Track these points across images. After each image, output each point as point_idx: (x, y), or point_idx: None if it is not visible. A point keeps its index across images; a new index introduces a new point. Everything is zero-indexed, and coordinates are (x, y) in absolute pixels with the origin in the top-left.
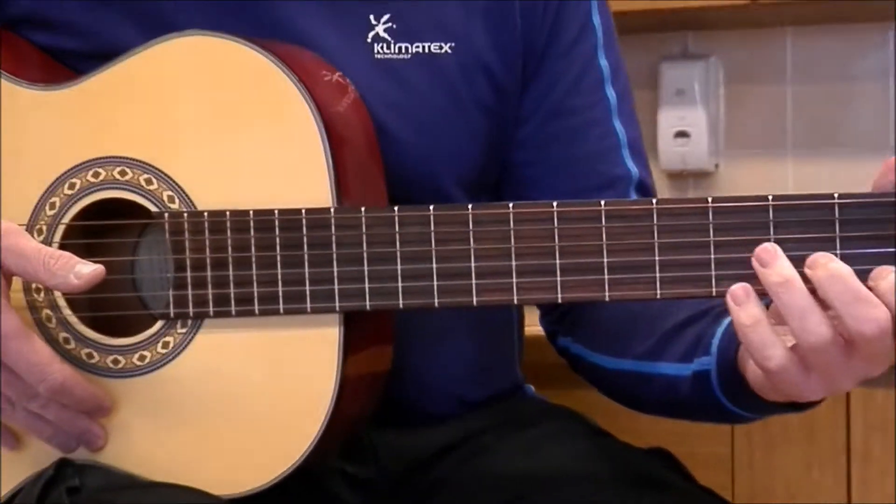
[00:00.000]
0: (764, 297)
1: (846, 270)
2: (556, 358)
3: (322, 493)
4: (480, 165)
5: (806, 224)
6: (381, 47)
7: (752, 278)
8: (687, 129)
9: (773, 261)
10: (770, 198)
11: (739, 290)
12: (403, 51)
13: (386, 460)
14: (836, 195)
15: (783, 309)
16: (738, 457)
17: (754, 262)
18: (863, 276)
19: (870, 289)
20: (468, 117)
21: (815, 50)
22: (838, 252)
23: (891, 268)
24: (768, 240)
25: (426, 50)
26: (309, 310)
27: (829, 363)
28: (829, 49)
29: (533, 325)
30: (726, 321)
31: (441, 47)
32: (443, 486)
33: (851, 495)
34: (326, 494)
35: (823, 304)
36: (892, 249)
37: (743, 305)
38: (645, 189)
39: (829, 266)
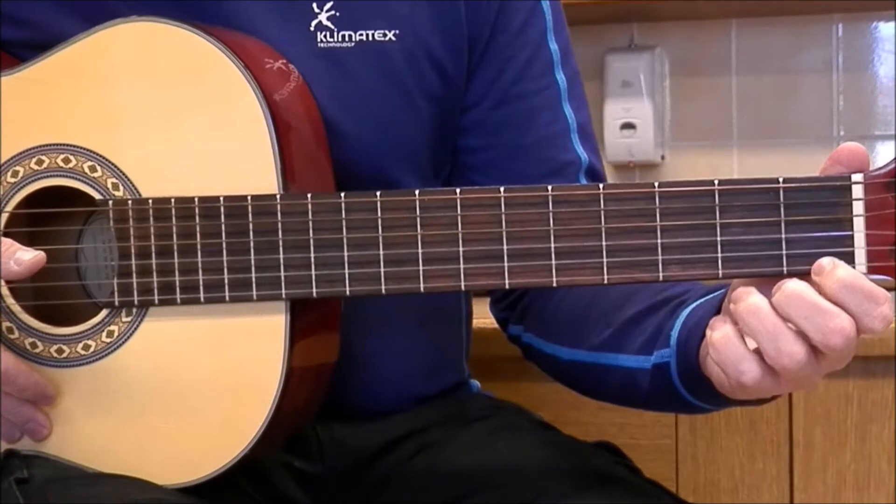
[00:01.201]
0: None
1: (801, 286)
2: (500, 351)
3: (269, 489)
4: (429, 153)
5: (751, 208)
6: (325, 36)
7: (698, 263)
8: (633, 121)
9: (743, 295)
10: (716, 182)
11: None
12: (347, 39)
13: (333, 455)
14: (780, 179)
15: (755, 336)
16: (681, 448)
17: (728, 303)
18: (809, 259)
19: (815, 285)
20: (414, 105)
21: (760, 42)
22: (783, 236)
23: (831, 260)
24: (713, 224)
25: (370, 38)
26: (255, 297)
27: (802, 372)
28: (774, 41)
29: (477, 318)
30: (684, 313)
31: (385, 35)
32: (390, 481)
33: (794, 484)
34: (273, 490)
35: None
36: (837, 233)
37: (713, 324)
38: (595, 174)
39: (783, 287)
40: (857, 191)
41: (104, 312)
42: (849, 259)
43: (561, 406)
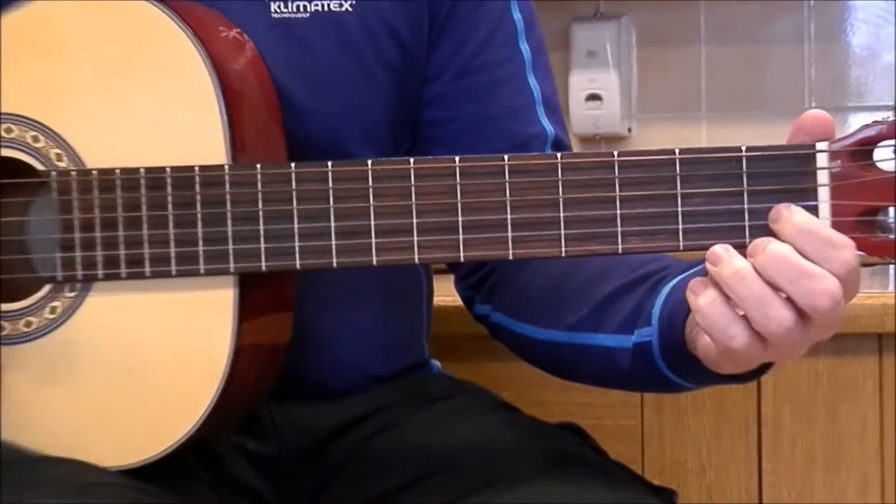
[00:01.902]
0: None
1: (785, 249)
2: (461, 330)
3: (222, 472)
4: (389, 127)
5: (713, 178)
6: (279, 6)
7: (659, 234)
8: (599, 92)
9: (721, 256)
10: (677, 151)
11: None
12: (301, 9)
13: (288, 437)
14: (743, 148)
15: (741, 302)
16: (647, 428)
17: (707, 264)
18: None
19: (772, 229)
20: (372, 77)
21: (730, 11)
22: (746, 206)
23: (788, 205)
24: (675, 195)
25: (325, 8)
26: (202, 271)
27: (790, 338)
28: (744, 10)
29: (437, 296)
30: (665, 289)
31: (341, 5)
32: (348, 463)
33: (762, 465)
34: (226, 473)
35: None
36: (801, 203)
37: (694, 287)
38: (561, 147)
39: (767, 249)
40: (822, 159)
41: (47, 287)
42: None
43: (523, 386)
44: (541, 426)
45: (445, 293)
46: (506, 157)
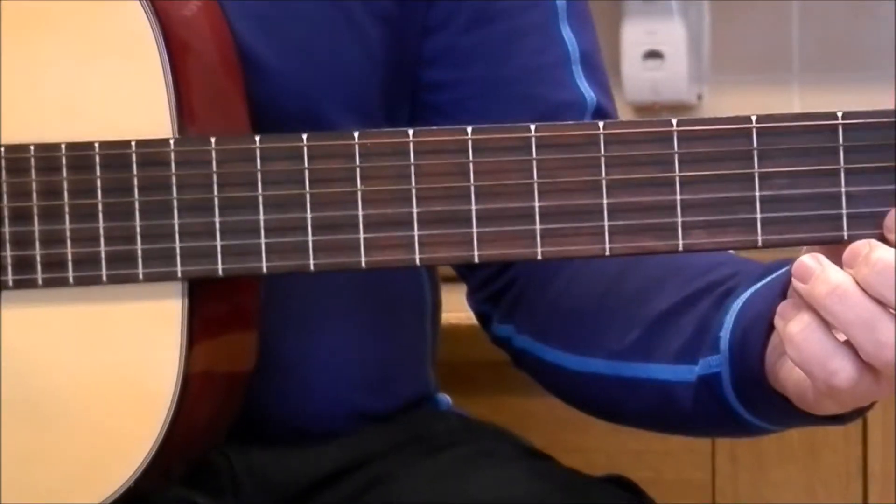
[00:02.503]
0: None
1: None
2: (477, 355)
3: None
4: (380, 92)
5: (800, 153)
6: None
7: (730, 226)
8: (660, 49)
9: (813, 271)
10: (753, 119)
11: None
12: None
13: (250, 491)
14: (839, 114)
15: (843, 326)
16: (720, 483)
17: (795, 282)
18: (876, 219)
19: (887, 242)
20: (360, 29)
21: None
22: (843, 189)
23: None
24: (751, 175)
25: None
26: (141, 276)
27: None
28: None
29: (447, 311)
30: (736, 305)
31: None
32: None
33: None
34: None
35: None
36: None
37: (783, 312)
38: (606, 118)
39: (871, 258)
40: None
41: None
42: None
43: (558, 428)
44: (580, 480)
45: (456, 307)
46: (532, 126)
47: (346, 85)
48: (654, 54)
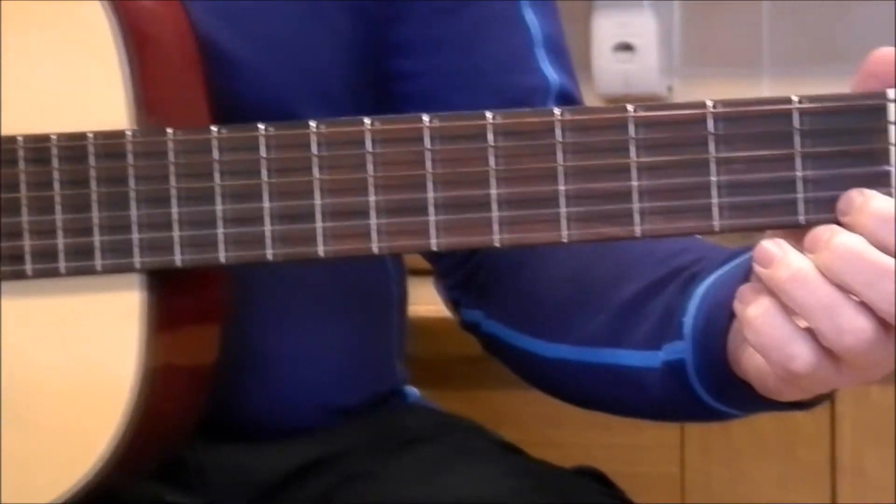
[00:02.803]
0: None
1: (856, 242)
2: (450, 349)
3: None
4: (347, 82)
5: (758, 138)
6: None
7: (688, 212)
8: (631, 41)
9: (774, 256)
10: (709, 104)
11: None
12: None
13: (219, 488)
14: (795, 98)
15: (803, 311)
16: (690, 477)
17: (756, 266)
18: (833, 204)
19: (842, 224)
20: (327, 19)
21: None
22: (799, 174)
23: (860, 191)
24: (707, 160)
25: None
26: (99, 268)
27: (870, 354)
28: None
29: (418, 304)
30: (699, 290)
31: None
32: None
33: None
34: None
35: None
36: (869, 169)
37: (742, 295)
38: (569, 101)
39: (832, 243)
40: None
41: None
42: None
43: (531, 422)
44: (553, 474)
45: (428, 300)
46: (489, 114)
47: (313, 75)
48: (624, 47)
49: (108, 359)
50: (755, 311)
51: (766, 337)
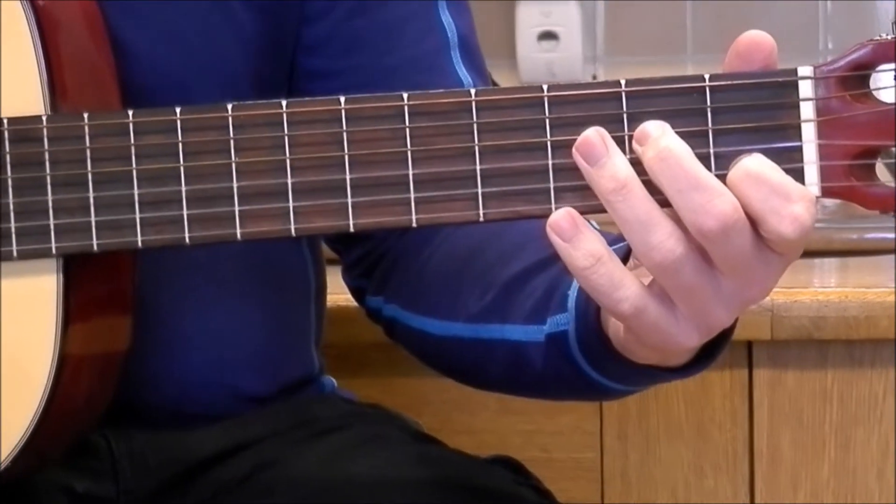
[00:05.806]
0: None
1: (683, 150)
2: (367, 337)
3: None
4: (254, 81)
5: (670, 115)
6: None
7: None
8: (554, 30)
9: (601, 156)
10: (622, 83)
11: (563, 220)
12: None
13: (129, 475)
14: (706, 76)
15: (620, 221)
16: (608, 462)
17: (578, 159)
18: None
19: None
20: (233, 17)
21: None
22: (711, 150)
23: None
24: (621, 137)
25: None
26: (15, 254)
27: (691, 287)
28: None
29: (336, 293)
30: None
31: None
32: None
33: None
34: None
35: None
36: (780, 144)
37: (573, 240)
38: None
39: (660, 143)
40: (806, 88)
41: None
42: (797, 177)
43: (448, 409)
44: (466, 462)
45: (346, 289)
46: (405, 94)
47: (218, 71)
48: (548, 35)
49: (24, 345)
50: (583, 261)
51: (594, 282)
